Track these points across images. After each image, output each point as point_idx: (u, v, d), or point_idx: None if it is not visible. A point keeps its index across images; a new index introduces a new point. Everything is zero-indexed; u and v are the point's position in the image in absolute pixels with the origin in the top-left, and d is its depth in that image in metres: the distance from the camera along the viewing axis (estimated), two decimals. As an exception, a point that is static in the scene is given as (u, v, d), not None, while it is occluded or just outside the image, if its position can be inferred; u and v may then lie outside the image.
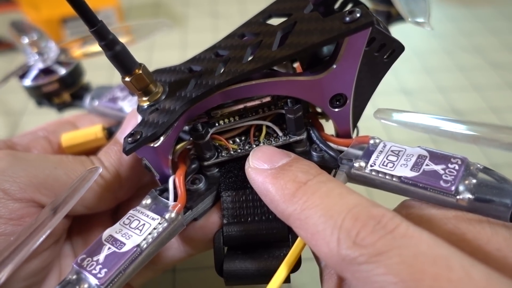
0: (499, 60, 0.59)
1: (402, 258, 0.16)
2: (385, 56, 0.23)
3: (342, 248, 0.17)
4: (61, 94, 0.37)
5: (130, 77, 0.23)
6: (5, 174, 0.23)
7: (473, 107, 0.51)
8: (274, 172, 0.22)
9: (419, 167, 0.22)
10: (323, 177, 0.21)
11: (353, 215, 0.18)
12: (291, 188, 0.20)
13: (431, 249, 0.16)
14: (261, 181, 0.22)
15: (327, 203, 0.19)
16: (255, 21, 0.26)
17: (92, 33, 0.21)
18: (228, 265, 0.24)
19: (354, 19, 0.20)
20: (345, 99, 0.24)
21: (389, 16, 0.39)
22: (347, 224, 0.18)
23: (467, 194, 0.20)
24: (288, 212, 0.20)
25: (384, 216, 0.18)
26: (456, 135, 0.20)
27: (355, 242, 0.17)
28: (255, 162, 0.23)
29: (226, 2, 0.76)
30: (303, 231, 0.19)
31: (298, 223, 0.20)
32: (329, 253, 0.18)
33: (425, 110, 0.51)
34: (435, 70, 0.58)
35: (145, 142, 0.22)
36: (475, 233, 0.19)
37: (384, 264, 0.16)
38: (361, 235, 0.17)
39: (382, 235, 0.17)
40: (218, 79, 0.23)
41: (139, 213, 0.23)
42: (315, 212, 0.19)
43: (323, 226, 0.18)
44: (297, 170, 0.21)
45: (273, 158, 0.22)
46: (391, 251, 0.16)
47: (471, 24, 0.67)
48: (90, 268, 0.21)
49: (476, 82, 0.55)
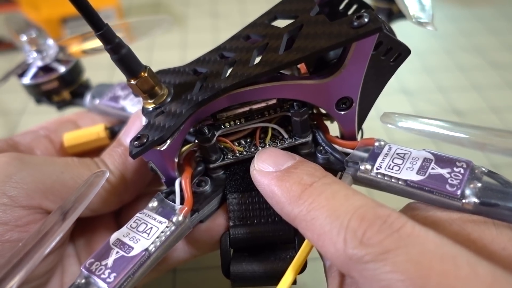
0: (499, 60, 0.59)
1: (409, 256, 0.16)
2: (391, 60, 0.23)
3: (348, 247, 0.17)
4: (61, 92, 0.37)
5: (136, 80, 0.23)
6: (12, 180, 0.23)
7: (473, 107, 0.51)
8: (279, 174, 0.22)
9: (425, 170, 0.22)
10: (328, 179, 0.21)
11: (359, 215, 0.18)
12: (297, 190, 0.20)
13: (438, 248, 0.17)
14: (266, 184, 0.22)
15: (333, 204, 0.19)
16: (260, 22, 0.26)
17: (98, 37, 0.21)
18: (235, 267, 0.24)
19: (363, 24, 0.20)
20: (351, 102, 0.24)
21: (390, 14, 0.39)
22: (353, 224, 0.18)
23: (472, 198, 0.20)
24: (294, 214, 0.20)
25: (390, 216, 0.18)
26: (463, 141, 0.20)
27: (361, 241, 0.17)
28: (260, 165, 0.23)
29: (226, 2, 0.76)
30: (309, 232, 0.19)
31: (304, 225, 0.20)
32: (335, 253, 0.18)
33: (425, 110, 0.51)
34: (435, 70, 0.58)
35: (152, 146, 0.22)
36: (480, 233, 0.19)
37: (391, 262, 0.16)
38: (368, 234, 0.17)
39: (388, 234, 0.17)
40: (225, 82, 0.23)
41: (146, 217, 0.23)
42: (321, 213, 0.19)
43: (329, 226, 0.18)
44: (302, 172, 0.21)
45: (278, 161, 0.23)
46: (398, 249, 0.16)
47: (471, 24, 0.67)
48: (99, 273, 0.21)
49: (476, 82, 0.55)
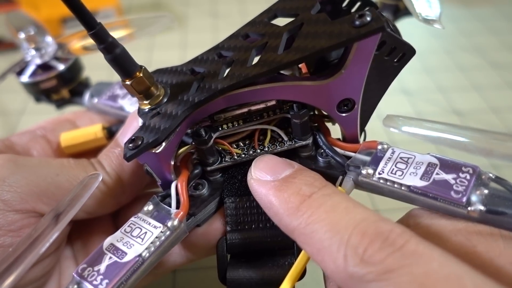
0: (499, 60, 0.58)
1: (413, 276, 0.16)
2: (395, 60, 0.22)
3: (349, 265, 0.17)
4: (60, 90, 0.37)
5: (131, 80, 0.22)
6: (5, 184, 0.23)
7: (473, 107, 0.51)
8: (277, 184, 0.21)
9: (429, 176, 0.21)
10: (328, 190, 0.20)
11: (360, 230, 0.17)
12: (295, 202, 0.20)
13: (443, 267, 0.16)
14: (264, 194, 0.21)
15: (332, 217, 0.18)
16: (259, 20, 0.25)
17: (91, 36, 0.20)
18: (231, 273, 0.23)
19: (365, 23, 0.19)
20: (353, 103, 0.23)
21: (396, 10, 0.38)
22: (354, 240, 0.17)
23: (478, 206, 0.19)
24: (292, 227, 0.19)
25: (392, 232, 0.17)
26: (469, 147, 0.19)
27: (362, 259, 0.17)
28: (257, 173, 0.22)
29: (226, 1, 0.75)
30: (308, 247, 0.19)
31: (303, 238, 0.19)
32: (335, 270, 0.17)
33: (425, 110, 0.51)
34: (435, 70, 0.57)
35: (147, 149, 0.22)
36: (486, 246, 0.19)
37: (394, 283, 0.16)
38: (369, 251, 0.17)
39: (390, 252, 0.16)
40: (222, 83, 0.22)
41: (140, 221, 0.23)
42: (320, 227, 0.18)
43: (329, 242, 0.18)
44: (301, 182, 0.21)
45: (276, 169, 0.22)
46: (400, 269, 0.16)
47: (471, 24, 0.66)
48: (91, 279, 0.20)
49: (476, 82, 0.55)
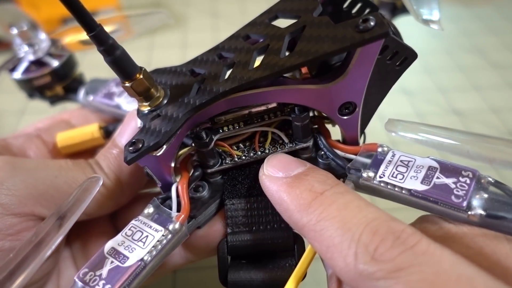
0: (500, 60, 0.58)
1: (423, 275, 0.16)
2: (397, 64, 0.22)
3: (359, 262, 0.17)
4: (54, 87, 0.36)
5: (131, 82, 0.22)
6: (3, 187, 0.22)
7: (473, 107, 0.51)
8: (289, 180, 0.21)
9: (430, 180, 0.21)
10: (341, 188, 0.20)
11: (372, 228, 0.17)
12: (307, 198, 0.20)
13: (454, 268, 0.16)
14: (275, 190, 0.21)
15: (344, 215, 0.18)
16: (260, 21, 0.25)
17: (91, 38, 0.20)
18: (233, 275, 0.23)
19: (369, 28, 0.19)
20: (354, 107, 0.23)
21: (394, 9, 0.38)
22: (365, 238, 0.17)
23: (478, 210, 0.20)
24: (302, 223, 0.19)
25: (404, 232, 0.17)
26: (472, 154, 0.19)
27: (373, 257, 0.17)
28: (269, 170, 0.22)
29: (226, 1, 0.75)
30: (317, 243, 0.19)
31: (312, 234, 0.19)
32: (345, 267, 0.17)
33: (425, 110, 0.51)
34: (435, 70, 0.57)
35: (148, 152, 0.22)
36: (493, 247, 0.19)
37: (403, 281, 0.16)
38: (380, 250, 0.17)
39: (402, 251, 0.16)
40: (223, 86, 0.22)
41: (141, 224, 0.22)
42: (331, 224, 0.18)
43: (340, 239, 0.18)
44: (314, 179, 0.21)
45: (288, 167, 0.22)
46: (411, 267, 0.16)
47: (471, 24, 0.66)
48: (93, 284, 0.20)
49: (477, 82, 0.55)
